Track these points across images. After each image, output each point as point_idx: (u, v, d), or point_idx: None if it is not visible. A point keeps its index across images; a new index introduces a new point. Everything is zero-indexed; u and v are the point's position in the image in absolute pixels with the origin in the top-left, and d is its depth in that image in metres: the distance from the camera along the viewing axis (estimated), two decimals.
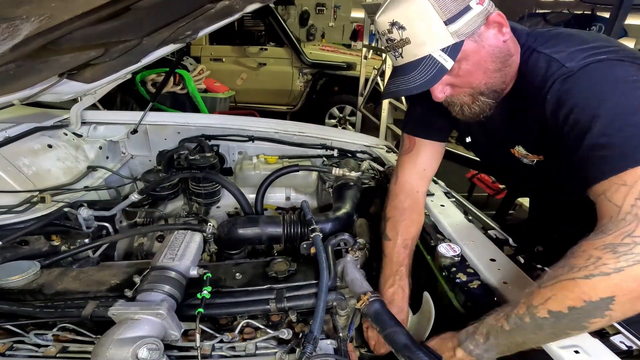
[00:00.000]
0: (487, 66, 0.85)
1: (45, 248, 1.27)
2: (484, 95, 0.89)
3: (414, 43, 0.81)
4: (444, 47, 0.80)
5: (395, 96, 0.92)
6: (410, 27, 0.80)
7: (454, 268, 0.97)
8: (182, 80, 3.98)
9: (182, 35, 1.29)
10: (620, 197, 0.63)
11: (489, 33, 0.83)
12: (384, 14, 0.82)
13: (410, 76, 0.83)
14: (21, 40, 0.69)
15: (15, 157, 1.38)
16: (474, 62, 0.84)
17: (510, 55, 0.87)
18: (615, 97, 0.70)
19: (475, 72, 0.85)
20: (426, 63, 0.81)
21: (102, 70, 1.30)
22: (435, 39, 0.80)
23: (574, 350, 0.71)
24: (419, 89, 0.83)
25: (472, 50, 0.82)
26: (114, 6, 0.80)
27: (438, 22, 0.78)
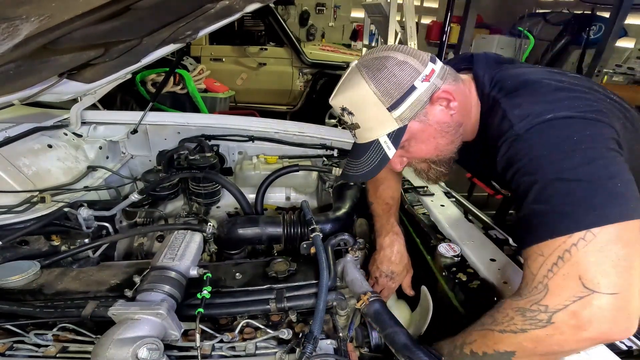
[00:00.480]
0: (437, 141, 0.88)
1: (45, 248, 1.27)
2: (436, 164, 0.93)
3: (363, 128, 0.86)
4: (389, 132, 0.84)
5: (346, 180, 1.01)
6: (357, 113, 0.84)
7: (454, 268, 0.97)
8: (182, 80, 3.98)
9: (182, 35, 1.29)
10: (537, 266, 0.67)
11: (435, 110, 0.84)
12: (335, 98, 0.87)
13: (361, 161, 0.89)
14: (21, 40, 0.69)
15: (15, 157, 1.38)
16: (422, 140, 0.87)
17: (460, 125, 0.89)
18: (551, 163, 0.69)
19: (424, 148, 0.89)
20: (374, 148, 0.86)
21: (102, 70, 1.30)
22: (380, 125, 0.84)
23: None
24: (366, 177, 0.89)
25: (418, 130, 0.85)
26: (114, 6, 0.80)
27: (381, 109, 0.81)
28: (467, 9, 5.37)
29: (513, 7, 7.86)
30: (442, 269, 1.00)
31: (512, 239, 1.17)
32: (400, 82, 0.80)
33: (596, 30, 6.29)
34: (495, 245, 1.07)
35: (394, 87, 0.80)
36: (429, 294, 0.97)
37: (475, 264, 0.98)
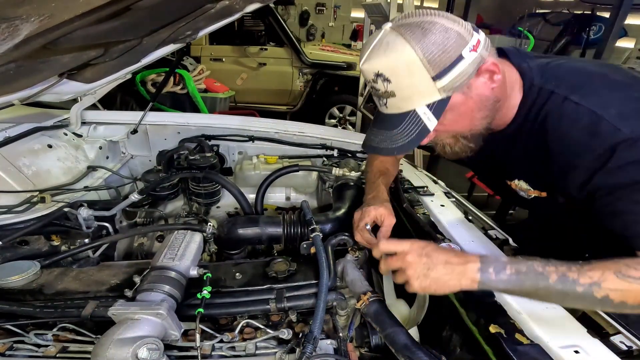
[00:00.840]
0: (474, 115, 0.84)
1: (45, 248, 1.27)
2: (466, 139, 0.89)
3: (399, 97, 0.78)
4: (429, 103, 0.78)
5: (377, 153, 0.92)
6: (395, 80, 0.77)
7: None
8: (182, 80, 3.98)
9: (182, 35, 1.29)
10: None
11: (478, 82, 0.80)
12: (368, 62, 0.78)
13: (393, 133, 0.81)
14: (21, 40, 0.69)
15: (15, 157, 1.38)
16: (460, 113, 0.82)
17: (498, 100, 0.84)
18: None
19: (461, 121, 0.84)
20: (410, 119, 0.80)
21: (102, 70, 1.30)
22: (421, 95, 0.77)
23: (574, 350, 0.71)
24: (400, 151, 0.82)
25: (459, 102, 0.80)
26: (114, 6, 0.80)
27: (426, 78, 0.75)
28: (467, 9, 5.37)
29: (513, 7, 7.86)
30: None
31: (512, 239, 1.17)
32: (448, 50, 0.73)
33: (596, 30, 6.29)
34: (495, 245, 1.07)
35: (442, 54, 0.73)
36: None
37: None
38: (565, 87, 0.81)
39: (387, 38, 0.76)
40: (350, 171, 1.54)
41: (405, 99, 0.79)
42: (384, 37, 0.77)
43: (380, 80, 0.78)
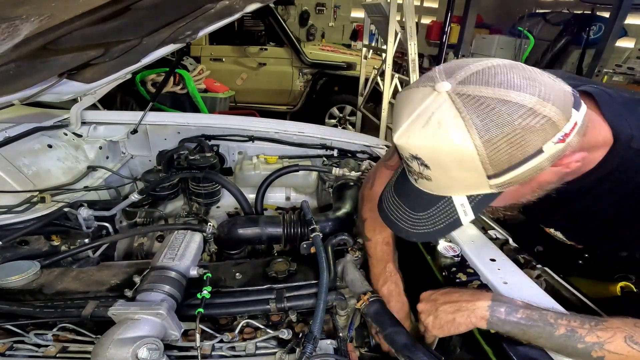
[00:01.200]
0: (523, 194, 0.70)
1: (45, 248, 1.27)
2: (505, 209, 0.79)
3: (435, 183, 0.65)
4: (472, 194, 0.64)
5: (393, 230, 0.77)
6: (436, 170, 0.62)
7: (454, 268, 0.97)
8: (182, 80, 3.98)
9: (182, 35, 1.29)
10: None
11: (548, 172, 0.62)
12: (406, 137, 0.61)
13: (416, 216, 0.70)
14: (21, 40, 0.69)
15: (15, 157, 1.38)
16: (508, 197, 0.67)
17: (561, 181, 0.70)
18: None
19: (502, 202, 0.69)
20: (442, 206, 0.67)
21: (102, 70, 1.30)
22: (466, 188, 0.64)
23: None
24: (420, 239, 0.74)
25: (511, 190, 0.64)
26: (114, 6, 0.80)
27: (479, 175, 0.59)
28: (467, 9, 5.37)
29: (513, 7, 7.86)
30: (442, 269, 1.00)
31: (512, 239, 1.17)
32: (524, 146, 0.56)
33: (596, 30, 6.30)
34: (495, 245, 1.07)
35: (513, 151, 0.56)
36: None
37: (475, 264, 0.98)
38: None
39: (439, 112, 0.57)
40: (350, 171, 1.54)
41: (443, 188, 0.66)
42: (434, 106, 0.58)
43: (417, 162, 0.63)
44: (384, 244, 1.05)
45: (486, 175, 0.59)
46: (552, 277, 1.00)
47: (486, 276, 0.93)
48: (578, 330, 0.67)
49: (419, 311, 0.83)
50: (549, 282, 1.00)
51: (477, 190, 0.63)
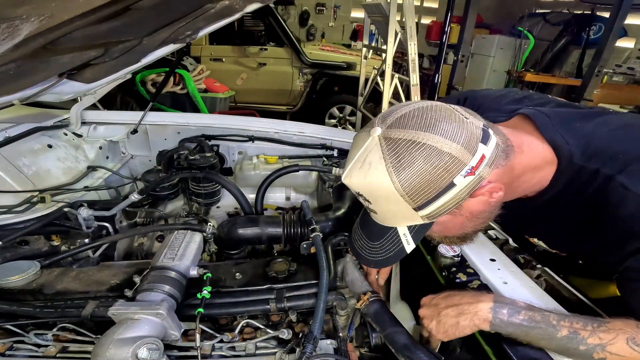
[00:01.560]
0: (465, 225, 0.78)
1: (45, 248, 1.27)
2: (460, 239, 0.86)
3: (380, 216, 0.76)
4: (410, 225, 0.74)
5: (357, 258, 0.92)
6: (375, 203, 0.72)
7: (454, 268, 0.97)
8: (182, 80, 3.99)
9: (182, 35, 1.29)
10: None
11: (471, 202, 0.71)
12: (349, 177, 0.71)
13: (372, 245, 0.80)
14: (21, 40, 0.69)
15: (15, 157, 1.38)
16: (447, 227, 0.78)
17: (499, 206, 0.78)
18: None
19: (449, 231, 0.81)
20: (391, 236, 0.77)
21: (102, 70, 1.30)
22: (402, 219, 0.73)
23: None
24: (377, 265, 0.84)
25: (446, 220, 0.74)
26: (114, 6, 0.80)
27: (406, 208, 0.69)
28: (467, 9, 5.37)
29: (513, 7, 7.87)
30: (442, 268, 1.00)
31: (511, 239, 1.17)
32: (435, 181, 0.65)
33: (596, 30, 6.30)
34: (495, 245, 1.07)
35: (426, 187, 0.65)
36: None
37: (475, 264, 0.98)
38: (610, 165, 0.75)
39: (369, 154, 0.68)
40: None
41: (387, 219, 0.76)
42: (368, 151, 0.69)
43: (362, 198, 0.74)
44: None
45: (412, 207, 0.69)
46: (552, 277, 1.00)
47: (486, 276, 0.93)
48: (580, 332, 0.68)
49: (421, 317, 0.85)
50: (549, 282, 1.00)
51: (412, 221, 0.73)
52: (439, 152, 0.64)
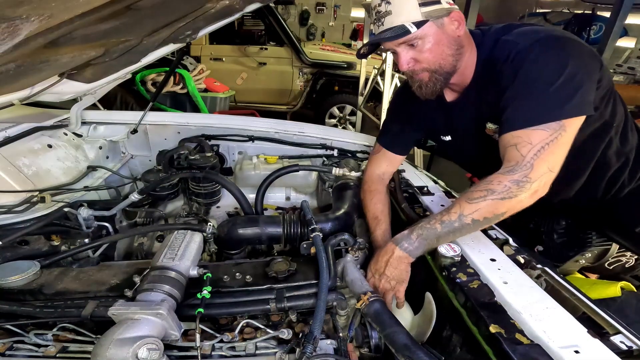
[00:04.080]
0: (443, 49, 1.06)
1: (45, 248, 1.27)
2: (437, 73, 1.09)
3: (394, 14, 1.01)
4: (414, 20, 1.00)
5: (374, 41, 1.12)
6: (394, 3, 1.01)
7: (454, 268, 0.97)
8: (182, 80, 3.98)
9: (182, 35, 1.30)
10: (525, 151, 0.93)
11: (449, 25, 1.04)
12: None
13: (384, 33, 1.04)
14: (21, 40, 0.69)
15: (15, 157, 1.38)
16: (434, 42, 1.04)
17: (462, 46, 1.08)
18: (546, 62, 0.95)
19: (434, 51, 1.05)
20: (398, 28, 1.02)
21: (102, 70, 1.30)
22: (409, 14, 1.00)
23: (574, 350, 0.71)
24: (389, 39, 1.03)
25: (434, 32, 1.03)
26: (114, 6, 0.80)
27: (414, 3, 0.99)
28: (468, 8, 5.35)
29: (513, 6, 7.87)
30: (442, 268, 1.00)
31: (512, 239, 1.16)
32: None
33: (596, 29, 6.30)
34: (495, 245, 1.07)
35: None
36: (433, 301, 0.97)
37: (475, 264, 0.98)
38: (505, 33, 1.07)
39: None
40: (350, 171, 1.54)
41: (398, 16, 1.01)
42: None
43: (384, 3, 1.02)
44: (373, 218, 1.27)
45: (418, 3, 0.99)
46: (552, 277, 1.00)
47: (486, 276, 0.93)
48: (444, 219, 0.97)
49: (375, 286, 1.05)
50: (549, 282, 1.00)
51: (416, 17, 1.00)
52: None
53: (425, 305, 1.00)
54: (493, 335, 0.76)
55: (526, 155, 0.93)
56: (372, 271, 1.08)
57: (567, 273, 1.48)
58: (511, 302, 0.83)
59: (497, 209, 0.94)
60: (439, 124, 1.30)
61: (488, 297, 0.88)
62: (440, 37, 1.05)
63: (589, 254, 1.42)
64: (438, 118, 1.28)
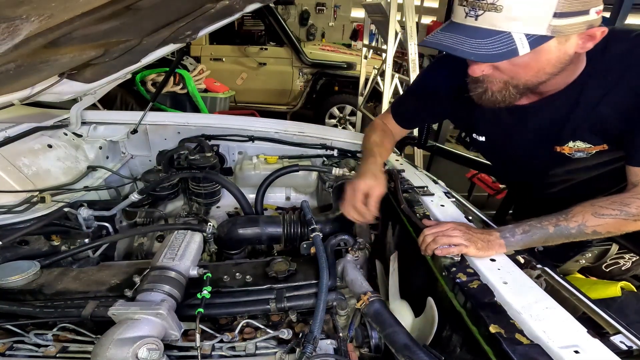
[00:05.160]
0: (545, 69, 0.83)
1: (45, 248, 1.27)
2: (516, 87, 0.88)
3: (503, 15, 0.74)
4: (530, 33, 0.74)
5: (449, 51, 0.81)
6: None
7: (454, 268, 0.97)
8: (182, 80, 3.98)
9: (182, 35, 1.30)
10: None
11: (574, 41, 0.79)
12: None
13: (476, 41, 0.77)
14: (21, 40, 0.69)
15: (15, 157, 1.38)
16: (538, 61, 0.81)
17: (569, 63, 0.85)
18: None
19: (530, 69, 0.83)
20: (501, 38, 0.75)
21: (102, 70, 1.30)
22: (529, 22, 0.74)
23: (574, 350, 0.71)
24: (479, 59, 0.78)
25: (547, 50, 0.78)
26: (113, 6, 0.80)
27: (548, 10, 0.72)
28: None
29: None
30: (442, 268, 1.00)
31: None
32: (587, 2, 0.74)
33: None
34: None
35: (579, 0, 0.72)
36: (435, 306, 0.97)
37: (475, 264, 0.98)
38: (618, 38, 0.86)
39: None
40: (350, 171, 1.54)
41: (509, 19, 0.74)
42: None
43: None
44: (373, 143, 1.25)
45: (553, 11, 0.72)
46: (552, 277, 1.00)
47: (486, 276, 0.93)
48: (560, 224, 0.91)
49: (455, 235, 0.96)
50: (549, 282, 1.00)
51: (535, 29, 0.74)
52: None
53: (427, 310, 1.00)
54: (493, 335, 0.76)
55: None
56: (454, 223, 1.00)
57: (567, 273, 1.48)
58: (511, 302, 0.83)
59: (626, 227, 0.90)
60: (476, 121, 1.15)
61: (488, 297, 0.88)
62: (551, 56, 0.80)
63: (589, 254, 1.42)
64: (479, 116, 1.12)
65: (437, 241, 0.97)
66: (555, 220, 0.92)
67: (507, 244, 0.95)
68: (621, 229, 0.90)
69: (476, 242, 0.95)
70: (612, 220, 0.88)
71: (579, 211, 0.91)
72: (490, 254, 0.96)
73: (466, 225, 1.01)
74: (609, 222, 0.89)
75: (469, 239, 0.96)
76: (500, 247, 0.96)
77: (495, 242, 0.95)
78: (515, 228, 0.95)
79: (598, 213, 0.89)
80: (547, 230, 0.91)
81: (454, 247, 0.96)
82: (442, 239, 0.97)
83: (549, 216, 0.93)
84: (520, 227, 0.94)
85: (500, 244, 0.95)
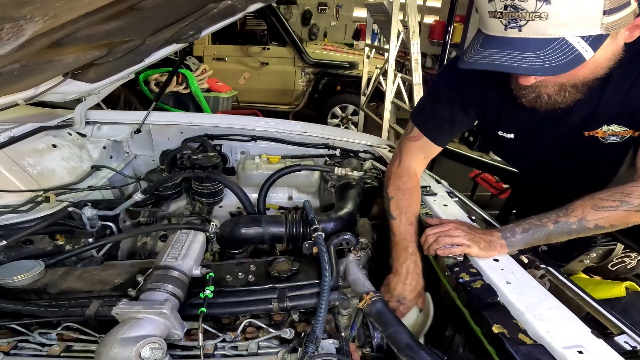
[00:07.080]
0: (601, 64, 0.82)
1: (50, 247, 1.27)
2: (575, 87, 0.86)
3: (551, 21, 0.70)
4: (585, 35, 0.72)
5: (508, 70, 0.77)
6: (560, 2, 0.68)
7: (457, 268, 0.97)
8: (185, 80, 3.99)
9: (185, 35, 1.30)
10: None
11: (622, 32, 0.77)
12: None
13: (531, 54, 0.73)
14: (25, 40, 0.70)
15: (19, 157, 1.39)
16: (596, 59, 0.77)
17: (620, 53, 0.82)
18: None
19: (587, 68, 0.81)
20: (559, 46, 0.72)
21: (106, 70, 1.30)
22: (581, 25, 0.71)
23: (577, 350, 0.70)
24: (547, 73, 0.74)
25: (604, 47, 0.75)
26: (117, 6, 0.80)
27: (597, 9, 0.69)
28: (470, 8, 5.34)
29: None
30: (445, 268, 1.00)
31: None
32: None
33: None
34: None
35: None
36: (431, 301, 0.97)
37: (478, 264, 0.98)
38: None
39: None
40: (352, 171, 1.53)
41: (559, 25, 0.71)
42: None
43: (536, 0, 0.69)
44: (408, 223, 1.11)
45: (603, 9, 0.69)
46: (556, 277, 1.00)
47: (489, 276, 0.93)
48: (560, 220, 0.89)
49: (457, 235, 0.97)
50: (553, 282, 1.00)
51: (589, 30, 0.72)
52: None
53: (425, 305, 1.00)
54: (496, 335, 0.76)
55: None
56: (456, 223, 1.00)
57: (572, 273, 1.47)
58: (514, 302, 0.83)
59: (630, 219, 0.86)
60: (504, 119, 1.08)
61: (491, 297, 0.88)
62: (606, 53, 0.80)
63: (593, 254, 1.41)
64: (507, 113, 1.07)
65: (439, 241, 0.97)
66: (555, 217, 0.91)
67: (509, 244, 0.96)
68: (625, 222, 0.87)
69: (479, 242, 0.96)
70: (613, 213, 0.86)
71: (578, 205, 0.89)
72: (492, 255, 0.97)
73: (468, 225, 1.01)
74: (611, 214, 0.86)
75: (472, 238, 0.95)
76: (502, 248, 0.96)
77: (497, 243, 0.96)
78: (515, 227, 0.95)
79: (598, 206, 0.87)
80: (547, 227, 0.91)
81: (457, 247, 0.96)
82: (444, 239, 0.97)
83: (549, 213, 0.92)
84: (520, 226, 0.95)
85: (502, 244, 0.96)
